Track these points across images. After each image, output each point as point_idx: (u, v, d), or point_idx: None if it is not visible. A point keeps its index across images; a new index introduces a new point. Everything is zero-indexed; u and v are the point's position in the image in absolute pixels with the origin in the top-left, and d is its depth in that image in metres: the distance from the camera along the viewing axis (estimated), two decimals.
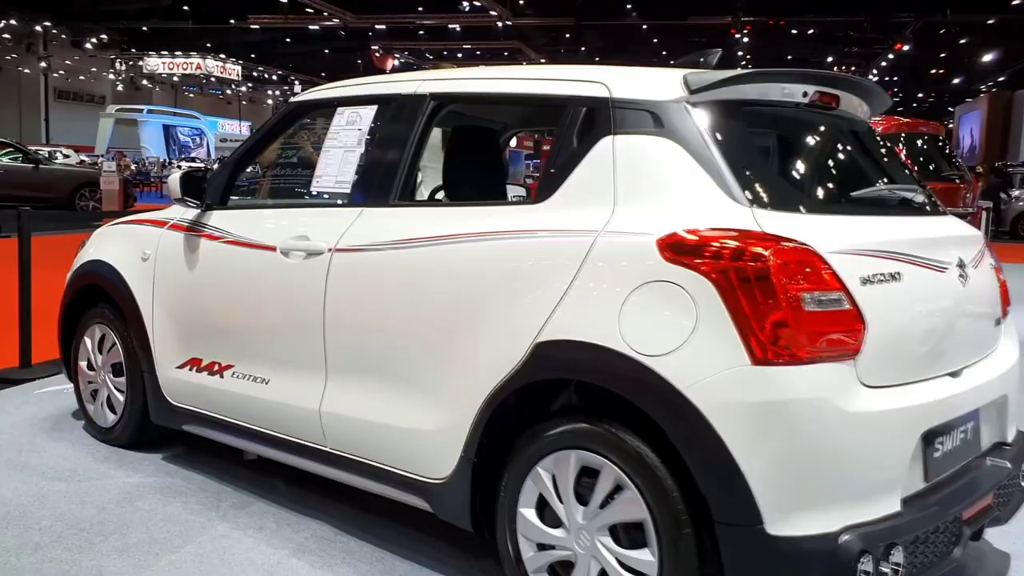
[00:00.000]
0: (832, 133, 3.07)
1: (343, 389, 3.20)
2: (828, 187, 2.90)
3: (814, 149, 3.01)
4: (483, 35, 40.20)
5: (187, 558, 3.15)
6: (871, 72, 46.66)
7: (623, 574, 2.47)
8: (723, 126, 2.63)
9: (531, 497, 2.67)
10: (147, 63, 43.07)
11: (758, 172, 2.62)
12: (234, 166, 3.90)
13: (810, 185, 2.82)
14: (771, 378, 2.26)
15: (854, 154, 3.11)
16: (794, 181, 2.82)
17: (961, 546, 2.60)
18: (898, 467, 2.43)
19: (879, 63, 44.82)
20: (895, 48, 39.91)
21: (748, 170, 2.56)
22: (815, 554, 2.25)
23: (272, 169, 5.16)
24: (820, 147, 3.03)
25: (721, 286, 2.32)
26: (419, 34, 39.85)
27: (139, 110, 39.50)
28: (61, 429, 4.53)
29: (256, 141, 3.94)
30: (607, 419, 2.51)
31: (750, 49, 43.98)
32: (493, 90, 3.25)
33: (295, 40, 43.49)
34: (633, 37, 43.56)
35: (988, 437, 2.99)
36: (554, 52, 45.70)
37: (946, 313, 2.73)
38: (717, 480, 2.28)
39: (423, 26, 38.28)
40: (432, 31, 39.38)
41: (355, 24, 36.71)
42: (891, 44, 39.87)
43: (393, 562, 3.16)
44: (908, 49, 38.58)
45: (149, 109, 41.56)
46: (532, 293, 2.67)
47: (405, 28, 38.87)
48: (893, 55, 41.64)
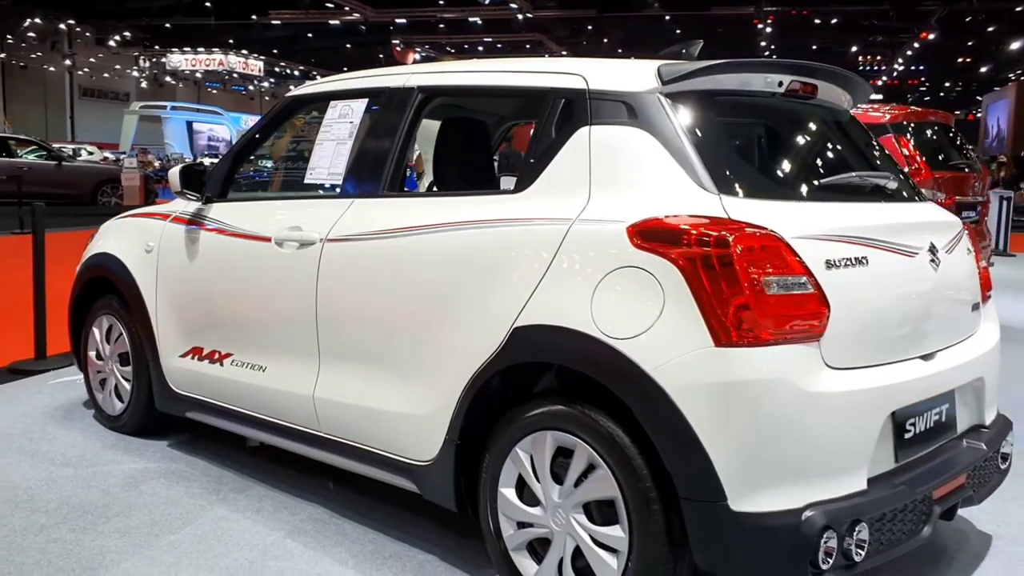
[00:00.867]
0: (809, 122, 3.13)
1: (335, 375, 3.30)
2: (799, 174, 2.96)
3: (789, 138, 3.08)
4: (504, 28, 40.25)
5: (186, 539, 3.26)
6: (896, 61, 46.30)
7: (596, 550, 2.55)
8: (695, 116, 2.69)
9: (511, 477, 2.76)
10: (170, 60, 43.44)
11: (728, 161, 2.68)
12: (233, 160, 4.00)
13: (781, 173, 2.88)
14: (733, 359, 2.33)
15: (830, 143, 3.16)
16: (765, 169, 2.88)
17: (930, 525, 2.65)
18: (863, 446, 2.49)
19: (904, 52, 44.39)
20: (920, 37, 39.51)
21: (718, 159, 2.63)
22: (778, 530, 2.32)
23: (270, 162, 5.27)
24: (795, 136, 3.09)
25: (686, 271, 2.39)
26: (440, 28, 39.94)
27: (163, 107, 39.83)
28: (72, 418, 4.66)
29: (254, 135, 4.04)
30: (582, 401, 2.59)
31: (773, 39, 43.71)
32: (478, 83, 3.33)
33: (317, 35, 43.75)
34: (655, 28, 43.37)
35: (965, 419, 3.05)
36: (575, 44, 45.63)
37: (915, 297, 2.78)
38: (682, 458, 2.35)
39: (444, 19, 38.38)
40: (453, 24, 39.49)
41: (376, 18, 36.91)
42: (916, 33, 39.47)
43: (384, 542, 3.26)
44: (934, 38, 38.18)
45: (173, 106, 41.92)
46: (511, 279, 2.75)
47: (426, 22, 39.00)
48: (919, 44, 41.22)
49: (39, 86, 43.16)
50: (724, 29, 43.63)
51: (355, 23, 37.68)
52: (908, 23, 38.20)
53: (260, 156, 4.92)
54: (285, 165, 4.84)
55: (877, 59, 46.12)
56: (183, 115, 42.08)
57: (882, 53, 44.66)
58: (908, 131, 7.45)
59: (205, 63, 43.18)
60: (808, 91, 3.00)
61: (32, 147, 19.48)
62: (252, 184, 5.12)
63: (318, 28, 41.34)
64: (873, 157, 3.28)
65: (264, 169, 5.20)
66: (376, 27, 38.97)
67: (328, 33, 41.85)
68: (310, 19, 37.73)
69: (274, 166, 5.07)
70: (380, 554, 3.17)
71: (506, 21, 38.07)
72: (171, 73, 45.53)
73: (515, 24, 38.37)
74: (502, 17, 37.37)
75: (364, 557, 3.14)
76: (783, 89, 2.90)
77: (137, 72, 46.20)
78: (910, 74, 49.20)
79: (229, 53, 43.00)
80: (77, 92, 44.28)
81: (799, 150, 3.09)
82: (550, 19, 39.66)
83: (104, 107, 44.83)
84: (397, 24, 38.45)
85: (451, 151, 3.52)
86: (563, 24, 42.70)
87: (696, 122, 2.68)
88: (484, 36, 41.78)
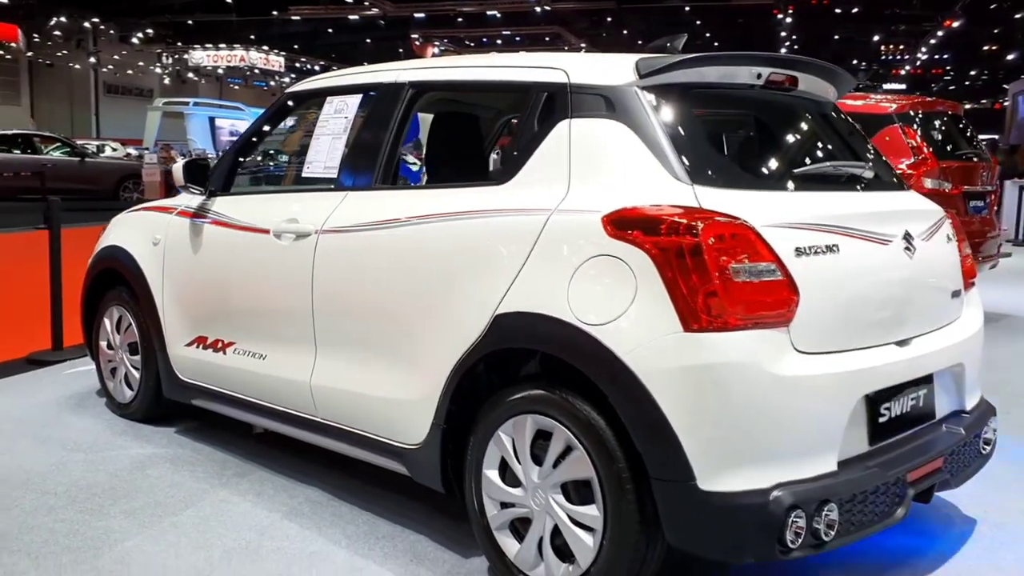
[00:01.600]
0: (789, 113, 3.19)
1: (331, 362, 3.40)
2: (774, 165, 3.03)
3: (767, 129, 3.14)
4: (522, 21, 40.22)
5: (187, 520, 3.38)
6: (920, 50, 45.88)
7: (573, 528, 2.64)
8: (671, 108, 2.77)
9: (494, 459, 2.85)
10: (192, 56, 43.77)
11: (703, 152, 2.76)
12: (235, 154, 4.12)
13: (755, 163, 2.96)
14: (701, 344, 2.41)
15: (810, 133, 3.23)
16: (741, 159, 2.96)
17: (904, 507, 2.72)
18: (833, 429, 2.56)
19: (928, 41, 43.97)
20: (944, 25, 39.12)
21: (693, 150, 2.71)
22: (746, 508, 2.40)
23: (271, 157, 5.39)
24: (773, 127, 3.16)
25: (657, 258, 2.47)
26: (458, 22, 40.00)
27: (185, 103, 40.14)
28: (85, 406, 4.81)
29: (255, 130, 4.15)
30: (561, 386, 2.68)
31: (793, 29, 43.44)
32: (466, 78, 3.43)
33: (337, 30, 43.94)
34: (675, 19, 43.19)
35: (945, 404, 3.11)
36: (595, 36, 45.55)
37: (889, 284, 2.84)
38: (652, 439, 2.44)
39: (462, 13, 38.41)
40: (471, 18, 39.50)
41: (394, 13, 36.99)
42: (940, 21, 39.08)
43: (378, 524, 3.36)
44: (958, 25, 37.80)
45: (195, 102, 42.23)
46: (493, 268, 2.84)
47: (444, 16, 39.04)
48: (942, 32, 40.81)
49: (65, 83, 43.62)
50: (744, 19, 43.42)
51: (374, 18, 37.79)
52: (931, 11, 37.82)
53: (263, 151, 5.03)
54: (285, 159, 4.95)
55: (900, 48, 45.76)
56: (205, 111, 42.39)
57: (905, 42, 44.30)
58: (915, 121, 7.46)
59: (226, 59, 43.47)
60: (788, 83, 3.06)
61: (56, 144, 19.79)
62: (255, 178, 5.23)
63: (338, 23, 41.50)
64: (855, 147, 3.34)
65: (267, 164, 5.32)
66: (395, 22, 39.04)
67: (348, 28, 42.02)
68: (330, 14, 37.88)
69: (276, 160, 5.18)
70: (373, 535, 3.27)
71: (524, 14, 38.04)
72: (193, 69, 45.86)
73: (533, 17, 38.34)
74: (520, 10, 37.36)
75: (358, 537, 3.25)
76: (762, 81, 2.97)
77: (160, 69, 46.59)
78: (934, 63, 48.77)
79: (250, 49, 43.28)
80: (102, 89, 44.73)
81: (776, 141, 3.16)
82: (569, 11, 39.62)
83: (128, 103, 45.22)
84: (415, 18, 38.51)
85: (442, 144, 3.61)
86: (582, 16, 42.62)
87: (672, 114, 2.76)
88: (502, 29, 41.79)
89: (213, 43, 43.87)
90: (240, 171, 4.17)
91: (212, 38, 43.59)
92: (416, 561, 3.07)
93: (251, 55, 43.26)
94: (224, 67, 45.28)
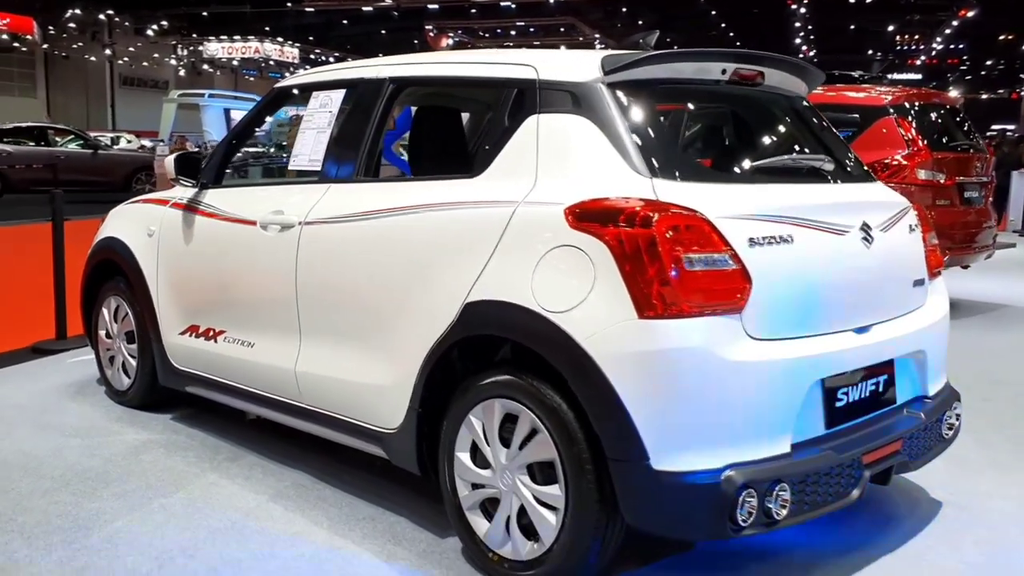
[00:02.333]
0: (754, 108, 3.28)
1: (314, 349, 3.52)
2: (734, 158, 3.12)
3: (730, 123, 3.23)
4: (536, 12, 40.27)
5: (176, 502, 3.51)
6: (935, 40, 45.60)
7: (538, 508, 2.75)
8: (635, 104, 2.87)
9: (466, 442, 2.96)
10: (207, 48, 44.07)
11: (663, 146, 2.86)
12: (227, 147, 4.24)
13: (716, 156, 3.05)
14: (655, 330, 2.51)
15: (775, 127, 3.32)
16: (702, 153, 3.05)
17: (860, 488, 2.81)
18: (786, 412, 2.66)
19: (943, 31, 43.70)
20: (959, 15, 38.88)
21: (654, 144, 2.80)
22: (697, 488, 2.50)
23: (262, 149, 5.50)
24: (737, 121, 3.24)
25: (614, 248, 2.57)
26: (471, 12, 40.06)
27: (200, 94, 40.36)
28: (85, 393, 4.95)
29: (246, 124, 4.27)
30: (527, 371, 2.78)
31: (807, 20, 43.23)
32: (443, 73, 3.53)
33: (351, 21, 44.07)
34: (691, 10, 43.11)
35: (907, 390, 3.20)
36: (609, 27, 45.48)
37: (845, 273, 2.93)
38: (608, 421, 2.54)
39: (475, 4, 38.49)
40: (485, 9, 39.57)
41: (408, 4, 37.11)
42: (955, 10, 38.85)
43: (360, 506, 3.48)
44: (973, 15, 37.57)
45: (210, 93, 42.44)
46: (464, 258, 2.94)
47: (458, 7, 39.13)
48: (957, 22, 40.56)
49: (81, 76, 44.00)
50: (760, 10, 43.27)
51: (388, 9, 37.91)
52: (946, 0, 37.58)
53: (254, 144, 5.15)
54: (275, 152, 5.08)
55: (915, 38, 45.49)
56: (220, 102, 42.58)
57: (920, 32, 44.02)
58: (910, 113, 7.51)
59: (241, 51, 43.74)
60: (753, 78, 3.15)
61: (70, 136, 20.02)
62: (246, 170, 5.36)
63: (352, 14, 41.66)
64: (824, 141, 3.41)
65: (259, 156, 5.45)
66: (409, 12, 39.19)
67: (362, 19, 42.17)
68: (344, 6, 38.06)
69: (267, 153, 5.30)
70: (354, 516, 3.39)
71: (538, 4, 38.11)
72: (208, 61, 46.18)
73: (547, 7, 38.38)
74: (534, 0, 37.40)
75: (339, 519, 3.37)
76: (727, 77, 3.06)
77: (175, 60, 46.92)
78: (949, 53, 48.46)
79: (265, 40, 43.53)
80: (117, 81, 45.07)
81: (739, 134, 3.24)
82: (583, 2, 39.59)
83: (144, 95, 45.58)
84: (429, 9, 38.61)
85: (424, 137, 3.72)
86: (596, 6, 42.56)
87: (635, 110, 2.85)
88: (516, 20, 41.82)
89: (228, 35, 44.11)
90: (231, 164, 4.29)
91: (227, 30, 43.84)
92: (394, 541, 3.18)
93: (266, 47, 43.50)
94: (239, 59, 45.56)
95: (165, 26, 42.14)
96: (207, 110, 40.89)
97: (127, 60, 44.85)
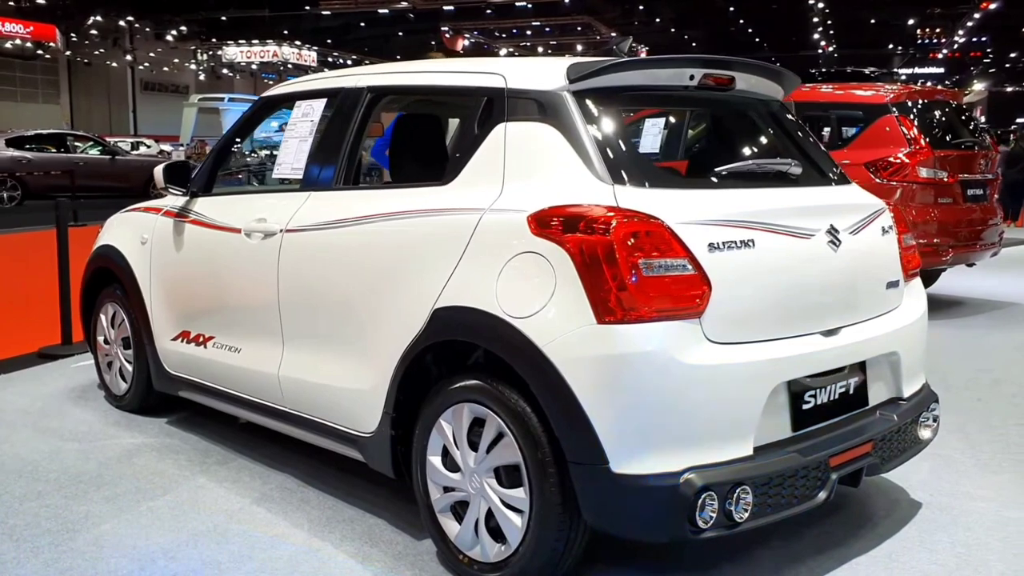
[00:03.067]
0: (724, 113, 3.31)
1: (296, 355, 3.59)
2: (697, 163, 3.15)
3: (697, 128, 3.26)
4: (552, 11, 40.27)
5: (164, 505, 3.58)
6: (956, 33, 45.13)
7: (504, 510, 2.79)
8: (599, 111, 2.91)
9: (437, 446, 3.01)
10: (226, 52, 44.43)
11: (626, 152, 2.89)
12: (216, 156, 4.32)
13: (679, 162, 3.07)
14: (614, 335, 2.54)
15: (743, 132, 3.34)
16: (666, 158, 3.07)
17: (827, 490, 2.84)
18: (748, 415, 2.68)
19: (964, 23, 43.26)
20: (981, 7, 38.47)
21: (617, 151, 2.84)
22: (656, 490, 2.53)
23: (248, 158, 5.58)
24: (704, 126, 3.27)
25: (573, 255, 2.61)
26: (487, 13, 40.12)
27: (220, 99, 40.65)
28: (86, 398, 5.04)
29: (235, 132, 4.35)
30: (494, 376, 2.83)
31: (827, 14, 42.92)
32: (418, 83, 3.59)
33: (369, 24, 44.27)
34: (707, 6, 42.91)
35: (881, 392, 3.22)
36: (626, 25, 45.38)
37: (810, 276, 2.95)
38: (568, 425, 2.58)
39: (491, 5, 38.55)
40: (500, 9, 39.61)
41: (424, 7, 37.23)
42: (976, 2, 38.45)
43: (342, 508, 3.54)
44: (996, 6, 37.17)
45: (230, 97, 42.72)
46: (433, 265, 3.00)
47: (474, 8, 39.19)
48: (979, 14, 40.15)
49: (103, 81, 44.48)
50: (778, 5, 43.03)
51: (404, 11, 38.06)
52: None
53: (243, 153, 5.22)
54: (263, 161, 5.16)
55: (936, 31, 45.08)
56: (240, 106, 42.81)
57: (941, 25, 43.62)
58: (912, 111, 7.49)
59: (260, 55, 44.06)
60: (723, 83, 3.18)
61: (89, 143, 20.29)
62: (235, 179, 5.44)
63: (369, 17, 41.83)
64: (798, 144, 3.44)
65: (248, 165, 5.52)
66: (425, 14, 39.32)
67: (379, 22, 42.36)
68: (359, 9, 38.23)
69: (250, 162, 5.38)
70: (336, 518, 3.45)
71: (554, 4, 38.10)
72: (228, 65, 46.53)
73: (563, 7, 38.37)
74: (550, 0, 37.39)
75: (320, 521, 3.43)
76: (695, 82, 3.09)
77: (195, 65, 47.32)
78: (972, 46, 47.99)
79: (283, 44, 43.79)
80: (139, 86, 45.57)
81: (705, 140, 3.28)
82: (599, 0, 39.55)
83: (165, 100, 46.00)
84: (445, 11, 38.71)
85: (401, 146, 3.77)
86: (613, 5, 42.51)
87: (599, 117, 2.89)
88: (532, 20, 41.84)
89: (246, 39, 44.42)
90: (221, 172, 4.36)
91: (245, 34, 44.17)
92: (371, 543, 3.24)
93: (284, 50, 43.79)
94: (258, 63, 45.88)
95: (185, 31, 42.55)
96: (227, 114, 41.13)
97: (148, 65, 45.31)
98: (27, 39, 38.15)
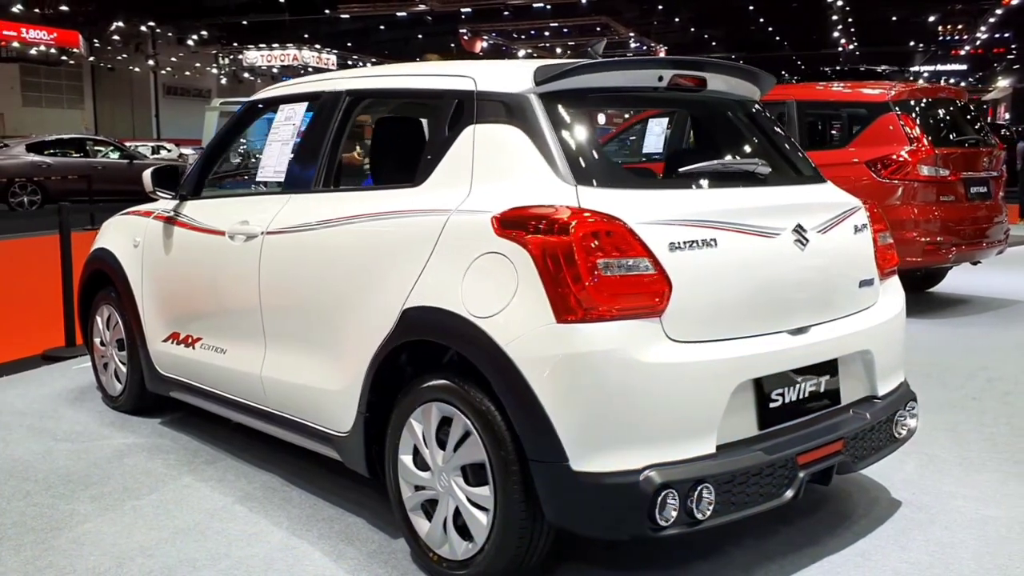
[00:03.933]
0: (694, 113, 3.32)
1: (277, 355, 3.63)
2: (670, 164, 3.16)
3: (665, 128, 3.27)
4: (570, 12, 40.25)
5: (148, 504, 3.63)
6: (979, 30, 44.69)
7: (470, 508, 2.82)
8: (565, 113, 2.93)
9: (408, 445, 3.04)
10: (247, 56, 44.75)
11: (590, 154, 2.91)
12: (205, 160, 4.37)
13: (643, 162, 3.09)
14: (573, 334, 2.56)
15: (713, 132, 3.35)
16: (630, 159, 3.09)
17: (794, 488, 2.84)
18: (710, 413, 2.70)
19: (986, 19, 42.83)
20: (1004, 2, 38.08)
21: (581, 152, 2.86)
22: (616, 488, 2.55)
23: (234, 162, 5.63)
24: (672, 126, 3.28)
25: (534, 255, 2.63)
26: (505, 15, 40.17)
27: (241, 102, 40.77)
28: (84, 399, 5.12)
29: (223, 137, 4.40)
30: (461, 375, 2.86)
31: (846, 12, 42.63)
32: (394, 86, 3.63)
33: (388, 27, 44.46)
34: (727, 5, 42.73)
35: (854, 390, 3.21)
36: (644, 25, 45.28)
37: (776, 275, 2.95)
38: (529, 423, 2.61)
39: (509, 6, 38.59)
40: (518, 11, 39.65)
41: (442, 9, 37.34)
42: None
43: (322, 507, 3.58)
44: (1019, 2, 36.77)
45: None
46: (403, 265, 3.03)
47: (492, 10, 39.26)
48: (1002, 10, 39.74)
49: (126, 86, 44.95)
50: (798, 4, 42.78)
51: (422, 14, 38.20)
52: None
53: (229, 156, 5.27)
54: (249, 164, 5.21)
55: (958, 28, 44.66)
56: None
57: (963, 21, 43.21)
58: (913, 109, 7.45)
59: (280, 58, 44.36)
60: (694, 84, 3.19)
61: (108, 147, 20.54)
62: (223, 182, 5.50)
63: (388, 20, 42.00)
64: (773, 144, 3.44)
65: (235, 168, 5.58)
66: (443, 17, 39.43)
67: (398, 24, 42.52)
68: (378, 11, 38.39)
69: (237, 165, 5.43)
70: (315, 517, 3.49)
71: (572, 5, 38.09)
72: (249, 69, 46.88)
73: (581, 8, 38.35)
74: (568, 1, 37.39)
75: (300, 519, 3.47)
76: (665, 83, 3.11)
77: (216, 69, 47.72)
78: (994, 42, 47.49)
79: (303, 48, 44.07)
80: (161, 91, 46.02)
81: (672, 140, 3.29)
82: (617, 1, 39.50)
83: (187, 104, 46.40)
84: (463, 13, 38.80)
85: (379, 148, 3.81)
86: (631, 5, 42.43)
87: (564, 119, 2.92)
88: (550, 21, 41.85)
89: (267, 43, 44.72)
90: (210, 176, 4.42)
91: (266, 38, 44.47)
92: (347, 541, 3.28)
93: (304, 54, 44.06)
94: (278, 66, 46.16)
95: (206, 36, 42.93)
96: None
97: (170, 70, 45.75)
98: (51, 45, 38.63)
